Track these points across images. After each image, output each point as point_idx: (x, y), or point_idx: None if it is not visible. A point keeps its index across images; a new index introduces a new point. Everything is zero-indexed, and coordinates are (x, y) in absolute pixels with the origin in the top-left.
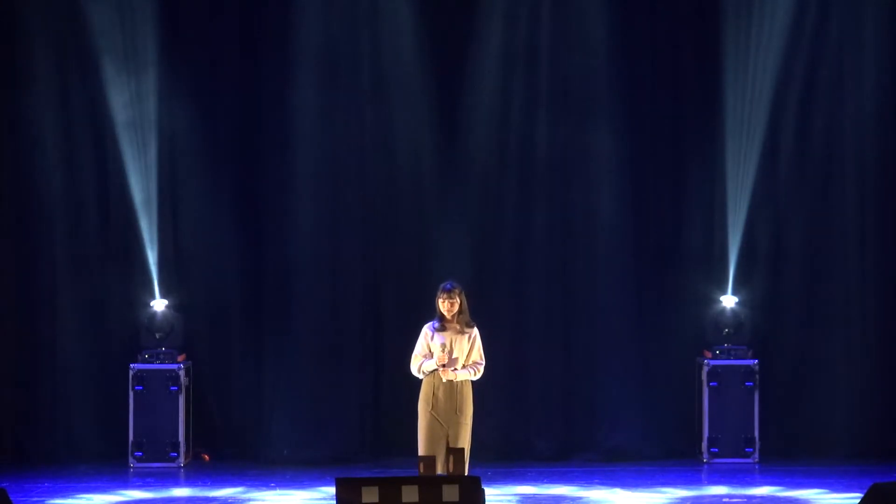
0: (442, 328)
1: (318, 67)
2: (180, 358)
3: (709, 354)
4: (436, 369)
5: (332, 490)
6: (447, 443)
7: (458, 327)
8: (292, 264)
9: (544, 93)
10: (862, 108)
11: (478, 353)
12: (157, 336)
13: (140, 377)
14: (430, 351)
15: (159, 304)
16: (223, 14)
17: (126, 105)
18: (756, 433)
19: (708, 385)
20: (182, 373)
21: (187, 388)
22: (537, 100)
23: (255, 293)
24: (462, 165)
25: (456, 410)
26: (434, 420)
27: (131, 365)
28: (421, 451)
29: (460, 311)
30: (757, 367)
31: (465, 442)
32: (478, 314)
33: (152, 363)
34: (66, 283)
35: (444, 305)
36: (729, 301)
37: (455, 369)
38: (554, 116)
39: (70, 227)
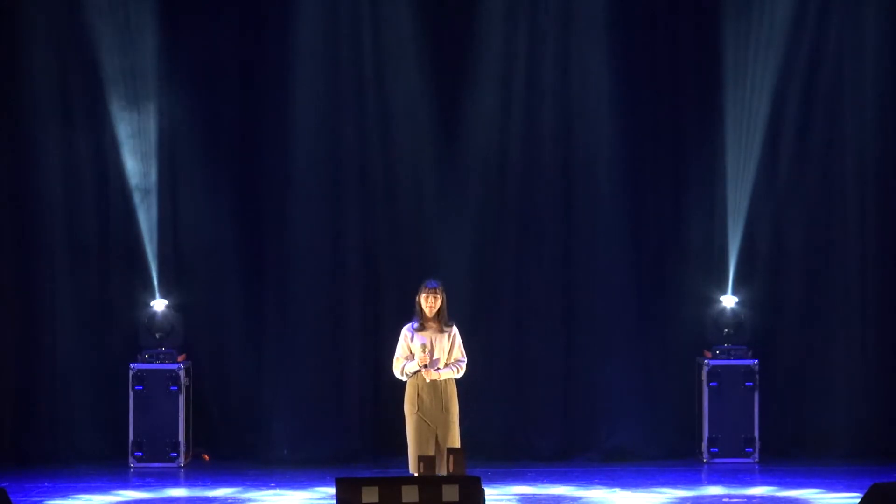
0: (421, 328)
1: (319, 66)
2: (180, 358)
3: (709, 354)
4: (418, 370)
5: (332, 490)
6: (437, 443)
7: (437, 326)
8: (292, 264)
9: (544, 92)
10: (862, 107)
11: (459, 351)
12: (157, 336)
13: (140, 377)
14: (411, 353)
15: (159, 304)
16: (223, 10)
17: (125, 104)
18: (756, 433)
19: (708, 385)
20: (182, 373)
21: (187, 388)
22: (537, 99)
23: (255, 293)
24: (462, 165)
25: (442, 409)
26: (421, 421)
27: (131, 365)
28: (411, 453)
29: (440, 310)
30: (757, 367)
31: (457, 441)
32: (478, 314)
33: (152, 363)
34: (66, 283)
35: (426, 301)
36: (729, 301)
37: (438, 369)
38: (554, 116)
39: (70, 227)
